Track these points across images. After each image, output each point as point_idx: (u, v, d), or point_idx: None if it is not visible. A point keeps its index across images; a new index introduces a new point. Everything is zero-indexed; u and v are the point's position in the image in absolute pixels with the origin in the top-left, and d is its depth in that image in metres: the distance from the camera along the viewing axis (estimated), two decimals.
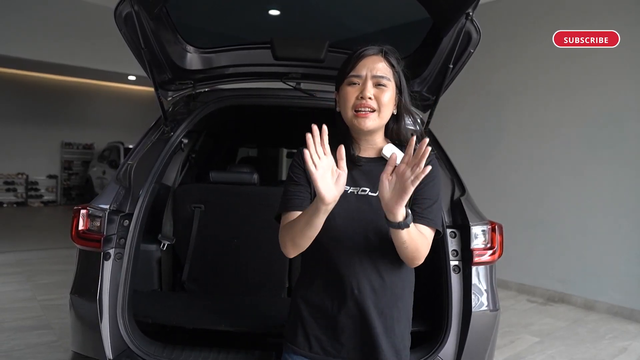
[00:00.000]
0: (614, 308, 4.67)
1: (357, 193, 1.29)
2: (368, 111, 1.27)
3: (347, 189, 1.29)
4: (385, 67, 1.31)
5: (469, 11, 1.69)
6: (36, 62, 8.13)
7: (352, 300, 1.28)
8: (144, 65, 1.91)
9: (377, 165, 1.29)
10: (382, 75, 1.29)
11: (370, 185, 1.29)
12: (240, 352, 1.88)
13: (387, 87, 1.29)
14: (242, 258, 2.55)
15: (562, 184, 5.15)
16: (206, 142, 3.51)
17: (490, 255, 1.95)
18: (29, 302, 4.15)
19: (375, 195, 1.26)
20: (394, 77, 1.32)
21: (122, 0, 1.67)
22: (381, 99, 1.28)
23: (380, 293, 1.29)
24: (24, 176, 10.96)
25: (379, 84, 1.28)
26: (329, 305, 1.31)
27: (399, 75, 1.33)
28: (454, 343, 1.86)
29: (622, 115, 4.71)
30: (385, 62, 1.31)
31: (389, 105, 1.30)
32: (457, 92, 3.61)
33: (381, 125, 1.32)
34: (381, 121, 1.30)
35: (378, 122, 1.29)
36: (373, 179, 1.28)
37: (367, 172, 1.31)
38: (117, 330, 1.81)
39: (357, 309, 1.28)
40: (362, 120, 1.27)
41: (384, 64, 1.30)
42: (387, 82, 1.29)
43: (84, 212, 1.94)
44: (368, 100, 1.27)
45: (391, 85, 1.30)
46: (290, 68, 2.28)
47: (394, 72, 1.32)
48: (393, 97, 1.31)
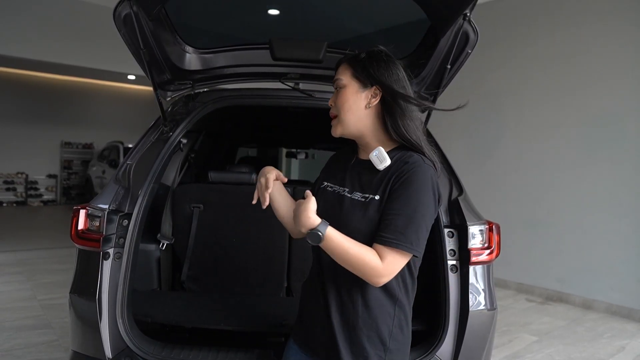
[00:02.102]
0: (612, 307, 4.69)
1: (335, 192, 1.31)
2: (333, 118, 1.31)
3: (333, 187, 1.33)
4: (343, 69, 1.29)
5: (466, 12, 1.70)
6: (36, 61, 8.12)
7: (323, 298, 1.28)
8: (143, 65, 1.91)
9: (365, 169, 1.29)
10: (336, 78, 1.30)
11: (351, 187, 1.28)
12: (239, 351, 1.89)
13: (342, 87, 1.28)
14: (241, 257, 2.57)
15: (560, 183, 5.16)
16: (205, 142, 3.52)
17: (487, 255, 1.96)
18: (29, 301, 4.17)
19: (349, 196, 1.26)
20: (354, 75, 1.27)
21: (121, 1, 1.67)
22: (336, 102, 1.30)
23: (338, 296, 1.25)
24: (24, 176, 10.97)
25: (336, 88, 1.30)
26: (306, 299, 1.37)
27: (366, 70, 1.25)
28: (451, 342, 1.87)
29: (620, 115, 4.72)
30: (345, 64, 1.30)
31: (346, 106, 1.27)
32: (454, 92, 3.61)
33: (348, 130, 1.28)
34: (345, 126, 1.28)
35: (342, 128, 1.29)
36: (356, 181, 1.29)
37: (356, 174, 1.32)
38: (117, 329, 1.82)
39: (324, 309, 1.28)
40: (332, 128, 1.32)
41: (342, 67, 1.30)
42: (341, 82, 1.28)
43: (84, 211, 1.95)
44: (331, 108, 1.32)
45: (349, 84, 1.27)
46: (289, 68, 2.29)
47: (355, 71, 1.27)
48: (350, 96, 1.26)
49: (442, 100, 2.10)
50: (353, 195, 1.25)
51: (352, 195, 1.25)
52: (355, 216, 1.21)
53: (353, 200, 1.24)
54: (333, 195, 1.31)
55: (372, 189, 1.22)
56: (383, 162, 1.21)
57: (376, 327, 1.22)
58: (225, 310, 2.21)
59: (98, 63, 8.17)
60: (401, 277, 1.23)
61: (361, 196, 1.23)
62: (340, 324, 1.23)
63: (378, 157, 1.22)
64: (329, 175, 1.41)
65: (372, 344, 1.22)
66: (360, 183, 1.27)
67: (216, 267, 2.59)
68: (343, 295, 1.23)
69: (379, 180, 1.22)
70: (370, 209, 1.20)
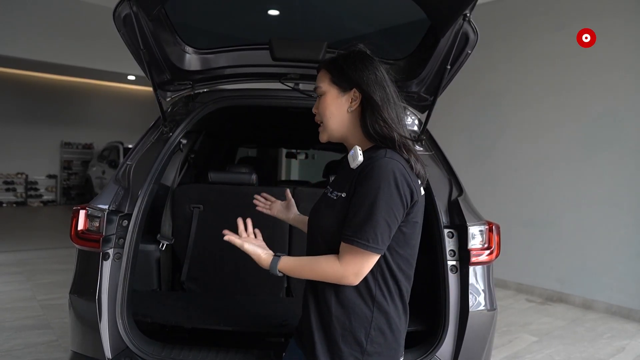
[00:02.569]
0: (612, 307, 4.68)
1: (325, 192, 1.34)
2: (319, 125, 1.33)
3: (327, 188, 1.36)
4: (321, 76, 1.31)
5: (466, 12, 1.70)
6: (36, 61, 8.13)
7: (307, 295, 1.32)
8: (143, 66, 1.92)
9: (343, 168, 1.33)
10: (316, 85, 1.32)
11: (335, 186, 1.29)
12: (239, 351, 1.89)
13: (322, 95, 1.30)
14: (241, 258, 2.54)
15: (560, 183, 5.16)
16: (205, 142, 3.52)
17: (487, 255, 1.96)
18: (29, 301, 4.16)
19: (331, 197, 1.27)
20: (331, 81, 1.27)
21: (121, 1, 1.67)
22: (319, 109, 1.31)
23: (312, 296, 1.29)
24: (24, 176, 10.96)
25: (318, 95, 1.32)
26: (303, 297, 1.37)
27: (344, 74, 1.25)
28: (451, 343, 1.87)
29: (620, 114, 4.72)
30: (323, 71, 1.31)
31: (327, 113, 1.28)
32: (454, 91, 3.62)
33: (333, 135, 1.31)
34: (329, 131, 1.30)
35: (326, 134, 1.31)
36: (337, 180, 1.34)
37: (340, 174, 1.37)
38: (116, 329, 1.82)
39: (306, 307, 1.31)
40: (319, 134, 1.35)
41: (320, 73, 1.32)
42: (320, 90, 1.30)
43: (83, 212, 1.95)
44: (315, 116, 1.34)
45: (327, 90, 1.28)
46: (289, 69, 2.29)
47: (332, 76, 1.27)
48: (330, 102, 1.28)
49: (442, 100, 2.10)
50: (330, 195, 1.28)
51: (330, 195, 1.28)
52: (325, 214, 1.25)
53: (328, 200, 1.27)
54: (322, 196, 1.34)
55: (342, 187, 1.24)
56: (355, 160, 1.21)
57: (350, 327, 1.20)
58: (225, 311, 2.21)
59: (98, 63, 8.18)
60: (381, 278, 1.20)
61: (334, 194, 1.26)
62: (318, 321, 1.26)
63: (352, 155, 1.23)
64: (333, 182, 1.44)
65: (346, 343, 1.20)
66: (336, 182, 1.32)
67: (216, 267, 2.59)
68: (319, 294, 1.26)
69: (349, 177, 1.22)
70: (338, 206, 1.22)
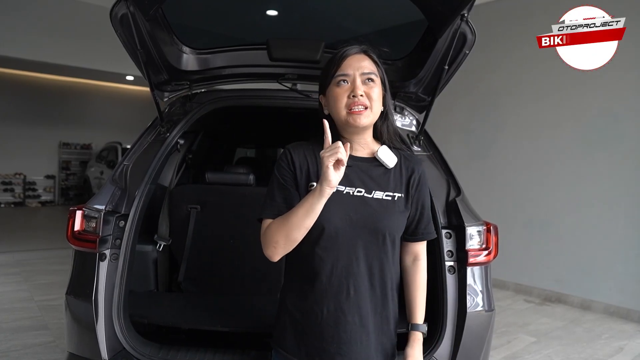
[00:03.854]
0: (610, 308, 4.68)
1: (353, 194, 1.29)
2: (362, 109, 1.28)
3: (342, 189, 1.29)
4: (371, 64, 1.33)
5: (464, 12, 1.70)
6: (34, 62, 8.11)
7: (348, 302, 1.27)
8: (140, 66, 1.91)
9: (371, 166, 1.33)
10: (369, 72, 1.31)
11: (365, 187, 1.30)
12: (236, 352, 1.88)
13: (375, 83, 1.31)
14: (238, 258, 2.56)
15: (558, 183, 5.16)
16: (203, 142, 3.51)
17: (485, 256, 1.96)
18: (27, 302, 4.15)
19: (370, 196, 1.28)
20: (379, 73, 1.34)
21: (118, 1, 1.67)
22: (371, 94, 1.30)
23: (373, 295, 1.31)
24: (22, 176, 10.95)
25: (367, 80, 1.31)
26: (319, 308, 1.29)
27: (383, 72, 1.35)
28: (449, 343, 1.87)
29: (618, 114, 4.72)
30: (370, 60, 1.34)
31: (378, 101, 1.32)
32: (452, 92, 3.61)
33: (374, 121, 1.34)
34: (374, 117, 1.33)
35: (371, 118, 1.32)
36: (367, 180, 1.30)
37: (361, 173, 1.31)
38: (113, 331, 1.81)
39: (354, 310, 1.28)
40: (357, 117, 1.28)
41: (369, 62, 1.33)
42: (375, 78, 1.32)
43: (80, 212, 1.94)
44: (360, 98, 1.28)
45: (378, 81, 1.33)
46: (287, 69, 2.28)
47: (378, 69, 1.34)
48: (381, 93, 1.33)
49: (439, 100, 2.10)
50: (374, 195, 1.30)
51: (374, 195, 1.30)
52: (393, 215, 1.30)
53: (381, 201, 1.29)
54: (350, 197, 1.29)
55: (392, 187, 1.32)
56: (392, 160, 1.33)
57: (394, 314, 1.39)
58: (223, 312, 2.21)
59: (96, 64, 8.16)
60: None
61: (385, 195, 1.30)
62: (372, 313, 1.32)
63: (387, 156, 1.33)
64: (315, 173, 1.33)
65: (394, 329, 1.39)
66: (374, 182, 1.32)
67: (213, 268, 2.58)
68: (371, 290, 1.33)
69: (395, 178, 1.34)
70: (400, 205, 1.32)
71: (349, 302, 1.27)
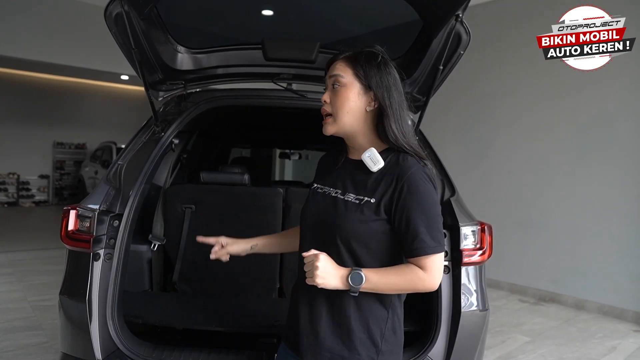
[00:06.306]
0: (604, 307, 4.71)
1: (328, 194, 1.30)
2: (326, 116, 1.28)
3: (324, 189, 1.32)
4: (343, 66, 1.25)
5: (458, 13, 1.70)
6: (28, 61, 8.06)
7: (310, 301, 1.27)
8: (135, 65, 1.90)
9: (356, 170, 1.28)
10: (335, 74, 1.25)
11: (342, 188, 1.27)
12: (230, 352, 1.88)
13: (341, 85, 1.24)
14: (233, 258, 2.55)
15: (553, 184, 5.19)
16: (198, 142, 3.50)
17: (479, 256, 1.97)
18: (20, 302, 4.13)
19: (342, 198, 1.25)
20: (355, 75, 1.24)
21: (112, 1, 1.66)
22: (334, 101, 1.25)
23: (334, 295, 1.22)
24: (15, 176, 10.87)
25: (334, 84, 1.26)
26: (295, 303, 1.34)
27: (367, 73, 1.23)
28: (443, 343, 1.87)
29: (613, 116, 4.75)
30: (344, 62, 1.26)
31: (345, 106, 1.23)
32: (448, 93, 3.62)
33: (343, 130, 1.26)
34: (340, 125, 1.25)
35: (336, 127, 1.26)
36: (348, 182, 1.28)
37: (347, 175, 1.30)
38: (107, 331, 1.80)
39: (310, 309, 1.27)
40: (323, 127, 1.29)
41: (341, 64, 1.26)
42: (342, 80, 1.24)
43: (74, 212, 1.93)
44: (324, 105, 1.28)
45: (350, 83, 1.24)
46: (282, 69, 2.28)
47: (356, 70, 1.24)
48: (352, 97, 1.23)
49: (435, 101, 2.11)
50: (346, 197, 1.24)
51: (345, 197, 1.24)
52: (349, 218, 1.20)
53: (347, 202, 1.23)
54: (324, 197, 1.30)
55: (366, 191, 1.22)
56: (377, 164, 1.21)
57: (368, 329, 1.22)
58: (217, 312, 2.20)
59: (91, 63, 8.11)
60: None
61: (355, 198, 1.22)
62: (331, 327, 1.23)
63: (371, 158, 1.22)
64: (318, 176, 1.41)
65: (363, 346, 1.22)
66: (353, 184, 1.26)
67: (208, 268, 2.57)
68: (334, 299, 1.22)
69: (375, 182, 1.22)
70: (366, 211, 1.20)
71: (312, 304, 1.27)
